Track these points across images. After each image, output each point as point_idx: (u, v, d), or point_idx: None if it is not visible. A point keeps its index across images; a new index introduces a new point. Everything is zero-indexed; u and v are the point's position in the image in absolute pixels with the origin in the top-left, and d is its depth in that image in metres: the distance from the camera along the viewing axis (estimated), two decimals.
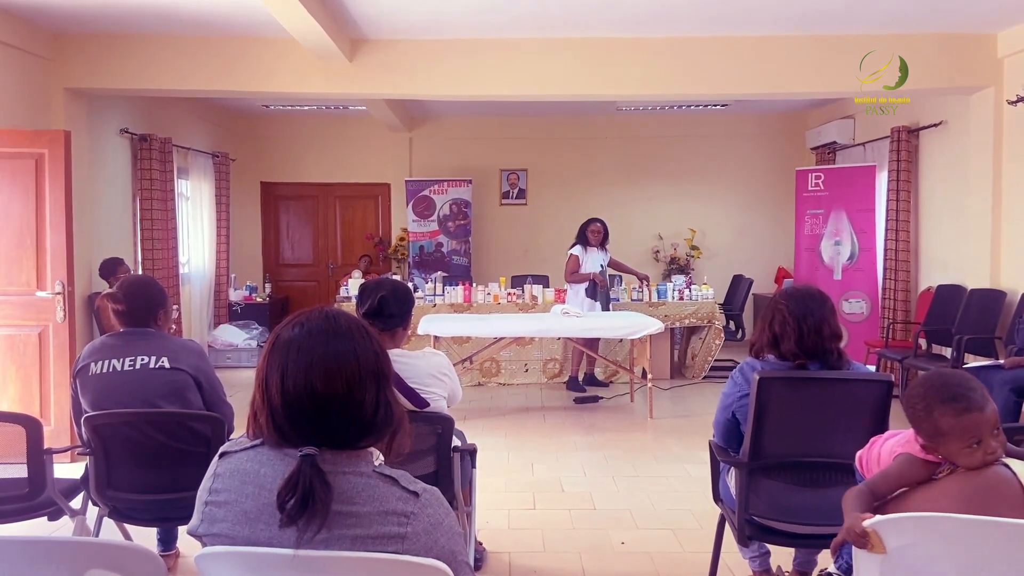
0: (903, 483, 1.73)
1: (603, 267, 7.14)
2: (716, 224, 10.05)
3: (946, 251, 7.04)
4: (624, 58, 6.22)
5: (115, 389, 2.87)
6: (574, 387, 7.14)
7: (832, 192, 8.12)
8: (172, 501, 2.85)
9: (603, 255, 7.19)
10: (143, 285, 3.13)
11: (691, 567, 3.45)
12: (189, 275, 8.41)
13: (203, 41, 6.08)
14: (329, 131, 10.06)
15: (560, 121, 9.97)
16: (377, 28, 5.94)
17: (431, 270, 9.13)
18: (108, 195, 6.86)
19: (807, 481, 2.71)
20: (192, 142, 8.49)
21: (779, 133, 9.94)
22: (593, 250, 7.13)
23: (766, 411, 2.67)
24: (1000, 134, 6.16)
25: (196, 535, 1.45)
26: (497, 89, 6.39)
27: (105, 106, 6.79)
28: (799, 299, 2.72)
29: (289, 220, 10.46)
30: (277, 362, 1.41)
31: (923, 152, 7.38)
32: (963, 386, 1.67)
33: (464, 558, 1.46)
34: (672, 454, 5.27)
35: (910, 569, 1.52)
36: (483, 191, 10.07)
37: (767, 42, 6.14)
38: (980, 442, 1.60)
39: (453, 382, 2.99)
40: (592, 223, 7.16)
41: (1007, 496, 1.51)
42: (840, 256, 8.06)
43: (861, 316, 7.87)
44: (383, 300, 2.84)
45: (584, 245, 7.15)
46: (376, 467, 1.44)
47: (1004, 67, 6.08)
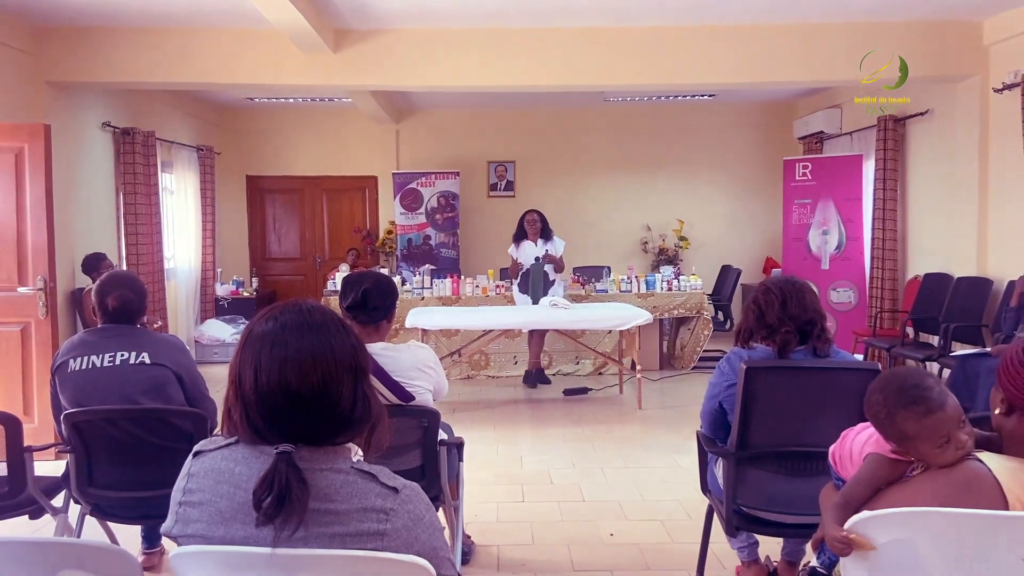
0: (875, 485, 1.71)
1: (538, 259, 6.91)
2: (704, 215, 10.04)
3: (933, 240, 7.06)
4: (612, 48, 6.19)
5: (95, 385, 2.83)
6: (529, 380, 7.09)
7: (819, 181, 8.12)
8: (155, 498, 2.81)
9: (545, 246, 6.96)
10: (126, 281, 3.08)
11: (680, 558, 3.44)
12: (174, 270, 8.35)
13: (186, 33, 6.01)
14: (315, 123, 9.99)
15: (548, 112, 9.93)
16: (361, 18, 5.89)
17: (419, 263, 9.09)
18: (90, 190, 6.78)
19: (794, 470, 2.70)
20: (176, 136, 8.41)
21: (766, 123, 9.93)
22: (529, 243, 7.00)
23: (753, 401, 2.66)
24: (986, 122, 6.17)
25: (171, 536, 1.42)
26: (484, 80, 6.36)
27: (87, 100, 6.71)
28: (782, 279, 2.83)
29: (275, 214, 10.39)
30: (251, 357, 1.37)
31: (910, 141, 7.39)
32: (920, 387, 1.64)
33: (446, 553, 1.43)
34: (661, 445, 5.26)
35: (897, 564, 1.51)
36: (471, 183, 10.02)
37: (754, 31, 6.12)
38: (949, 439, 1.58)
39: (438, 375, 2.97)
40: (528, 214, 7.04)
41: (983, 492, 1.49)
42: (828, 246, 8.07)
43: (849, 305, 7.89)
44: (366, 293, 2.81)
45: (520, 238, 7.06)
46: (354, 463, 1.41)
47: (990, 55, 6.08)
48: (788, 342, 2.66)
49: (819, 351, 2.69)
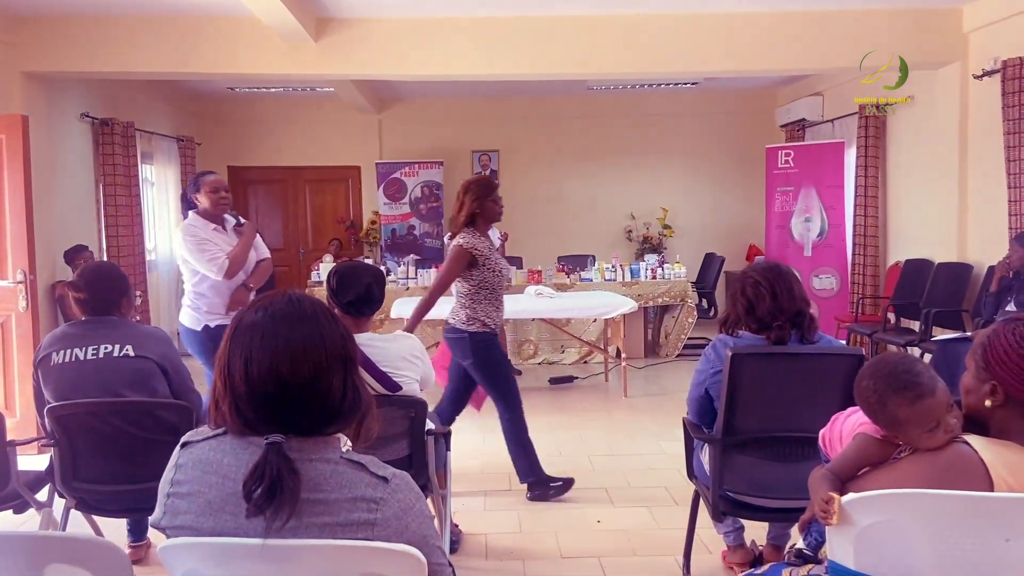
0: (863, 464, 1.73)
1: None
2: (687, 203, 10.07)
3: (914, 226, 7.12)
4: (595, 36, 6.18)
5: (79, 379, 2.80)
6: None
7: (802, 169, 8.16)
8: (140, 491, 2.80)
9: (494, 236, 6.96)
10: (104, 272, 3.06)
11: (667, 543, 3.46)
12: (156, 262, 8.28)
13: (165, 22, 5.94)
14: (297, 113, 9.91)
15: (531, 102, 9.91)
16: (343, 6, 5.84)
17: (403, 253, 9.06)
18: (70, 181, 6.70)
19: (780, 456, 2.73)
20: (156, 126, 8.32)
21: (749, 111, 9.96)
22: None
23: (739, 387, 2.67)
24: (966, 109, 6.21)
25: (159, 527, 1.42)
26: (467, 69, 6.33)
27: (65, 90, 6.63)
28: (766, 267, 2.80)
29: (258, 205, 10.32)
30: (240, 348, 1.37)
31: (890, 128, 7.44)
32: (910, 372, 1.66)
33: (436, 542, 1.44)
34: (647, 432, 5.29)
35: (883, 545, 1.53)
36: (455, 173, 9.98)
37: (736, 19, 6.13)
38: (938, 424, 1.60)
39: (425, 365, 2.97)
40: None
41: (970, 475, 1.51)
42: (810, 232, 8.12)
43: (831, 292, 7.95)
44: (370, 288, 2.82)
45: None
46: (344, 453, 1.41)
47: (970, 41, 6.12)
48: (783, 336, 2.67)
49: (806, 338, 2.71)
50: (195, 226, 3.96)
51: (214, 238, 3.97)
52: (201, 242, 3.91)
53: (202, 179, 4.06)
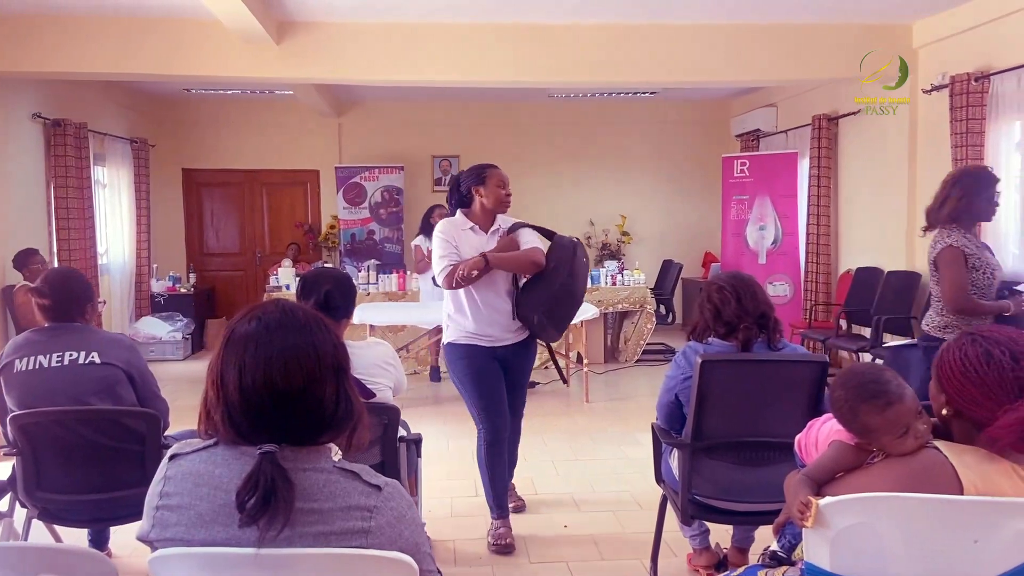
0: (838, 469, 1.80)
1: None
2: (646, 210, 10.20)
3: (864, 235, 7.32)
4: (556, 45, 6.24)
5: (43, 386, 2.74)
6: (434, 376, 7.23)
7: (756, 178, 8.34)
8: (106, 501, 2.75)
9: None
10: (69, 277, 3.01)
11: (634, 547, 3.51)
12: (108, 266, 8.10)
13: (120, 22, 5.83)
14: (254, 116, 9.78)
15: (491, 108, 9.94)
16: (305, 10, 5.80)
17: (363, 258, 9.01)
18: (20, 183, 6.53)
19: (747, 460, 2.79)
20: (109, 127, 8.15)
21: (705, 121, 10.14)
22: None
23: (708, 393, 2.73)
24: (916, 122, 6.43)
25: (147, 541, 1.40)
26: (428, 75, 6.34)
27: (16, 90, 6.45)
28: (729, 275, 2.95)
29: (213, 208, 10.15)
30: (234, 357, 1.37)
31: (842, 139, 7.64)
32: (879, 381, 1.74)
33: (427, 550, 1.46)
34: (609, 437, 5.35)
35: (858, 547, 1.59)
36: (415, 178, 9.97)
37: (694, 30, 6.26)
38: (908, 430, 1.67)
39: (398, 371, 2.97)
40: (437, 208, 6.91)
41: (940, 479, 1.59)
42: (765, 240, 8.29)
43: (785, 299, 8.13)
44: (328, 294, 2.80)
45: (428, 233, 7.05)
46: (336, 462, 1.42)
47: (919, 57, 6.34)
48: (750, 337, 2.74)
49: (772, 343, 2.79)
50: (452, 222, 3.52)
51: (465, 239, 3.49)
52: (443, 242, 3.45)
53: (489, 170, 3.51)
